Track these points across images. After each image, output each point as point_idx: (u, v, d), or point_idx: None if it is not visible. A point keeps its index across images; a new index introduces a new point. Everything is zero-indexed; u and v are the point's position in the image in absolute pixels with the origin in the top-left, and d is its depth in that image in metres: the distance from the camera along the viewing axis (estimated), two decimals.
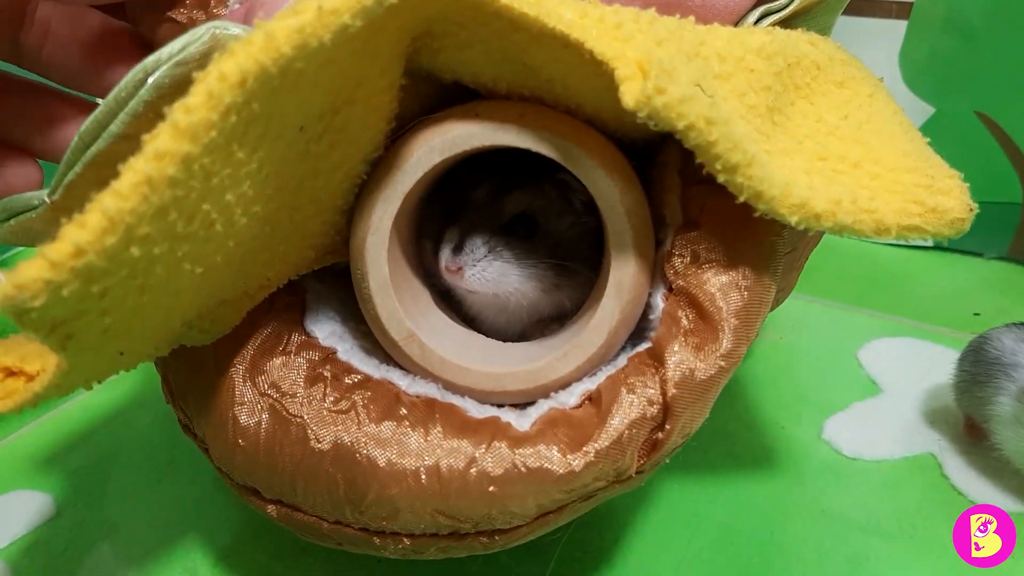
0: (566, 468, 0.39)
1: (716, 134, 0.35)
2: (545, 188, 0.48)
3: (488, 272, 0.47)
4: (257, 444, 0.42)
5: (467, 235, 0.47)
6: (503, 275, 0.47)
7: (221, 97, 0.31)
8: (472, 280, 0.46)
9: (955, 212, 0.39)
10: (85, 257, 0.29)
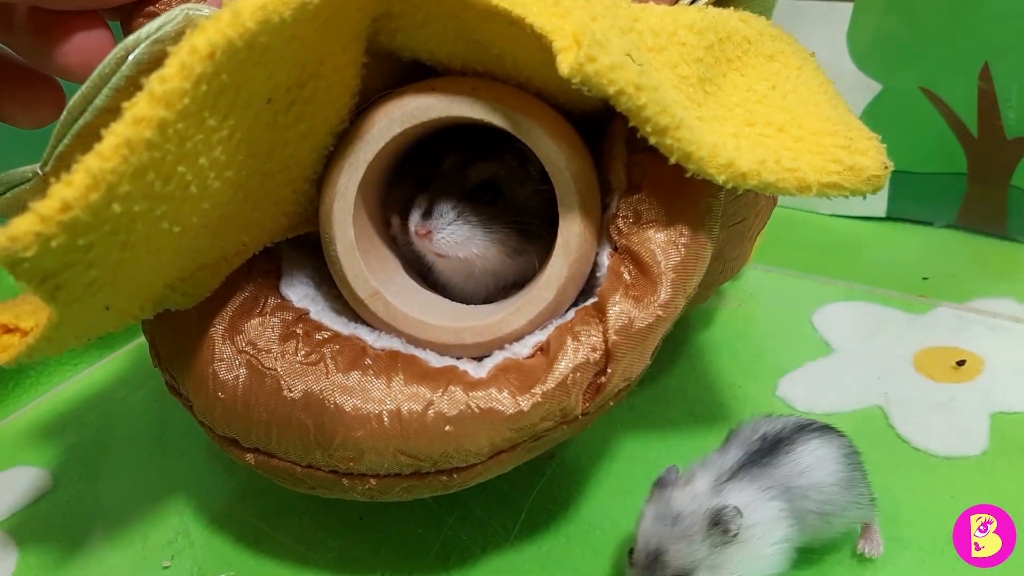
0: (515, 408, 0.42)
1: (645, 99, 0.38)
2: (506, 158, 0.51)
3: (456, 236, 0.49)
4: (235, 396, 0.45)
5: (435, 201, 0.49)
6: (469, 239, 0.49)
7: (192, 68, 0.34)
8: (441, 243, 0.49)
9: (871, 170, 0.42)
10: (71, 212, 0.33)
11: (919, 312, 0.76)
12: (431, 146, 0.52)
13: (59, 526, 0.59)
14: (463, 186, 0.51)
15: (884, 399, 0.64)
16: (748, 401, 0.66)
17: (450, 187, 0.50)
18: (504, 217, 0.51)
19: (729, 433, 0.51)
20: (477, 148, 0.52)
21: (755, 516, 0.44)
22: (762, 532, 0.44)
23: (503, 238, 0.50)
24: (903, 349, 0.70)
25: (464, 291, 0.53)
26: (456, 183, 0.51)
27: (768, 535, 0.45)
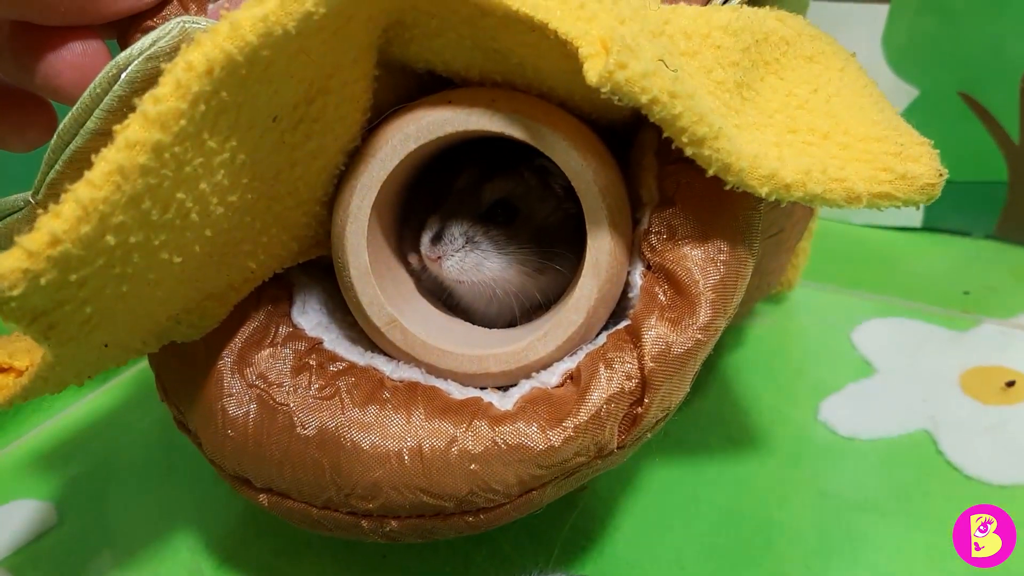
0: (545, 444, 0.39)
1: (680, 107, 0.35)
2: (525, 174, 0.48)
3: (467, 260, 0.47)
4: (246, 434, 0.43)
5: (446, 224, 0.47)
6: (480, 263, 0.47)
7: (189, 86, 0.32)
8: (451, 269, 0.47)
9: (925, 178, 0.39)
10: (61, 246, 0.30)
11: (962, 329, 0.72)
12: (449, 163, 0.50)
13: (64, 564, 0.56)
14: (477, 206, 0.48)
15: (931, 423, 0.61)
16: (789, 425, 0.63)
17: (462, 208, 0.48)
18: (522, 236, 0.48)
19: None
20: (494, 163, 0.49)
21: None
22: None
23: (520, 258, 0.48)
24: (948, 369, 0.67)
25: (488, 315, 0.51)
26: (469, 203, 0.48)
27: None
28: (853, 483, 0.57)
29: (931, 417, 0.61)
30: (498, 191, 0.48)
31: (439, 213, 0.48)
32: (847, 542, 0.52)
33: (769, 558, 0.51)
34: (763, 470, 0.59)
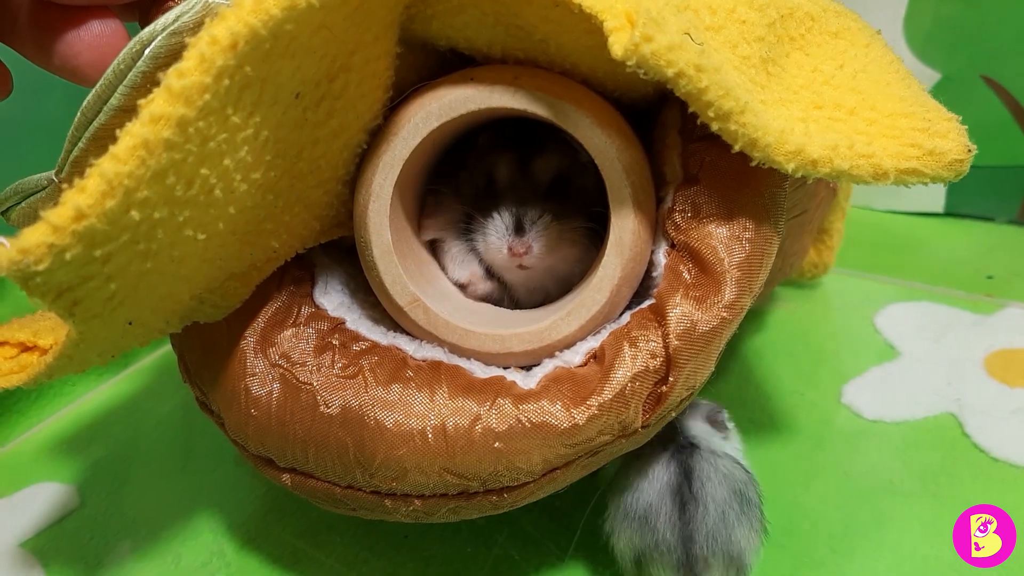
0: (570, 422, 0.39)
1: (706, 81, 0.35)
2: (562, 147, 0.48)
3: (547, 243, 0.46)
4: (269, 413, 0.43)
5: (521, 214, 0.46)
6: (558, 242, 0.47)
7: (213, 60, 0.31)
8: (539, 255, 0.46)
9: (953, 153, 0.39)
10: (86, 220, 0.30)
11: (987, 312, 0.72)
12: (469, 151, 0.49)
13: (86, 545, 0.57)
14: (535, 187, 0.48)
15: (957, 406, 0.61)
16: (813, 409, 0.63)
17: (522, 192, 0.47)
18: (579, 209, 0.47)
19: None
20: (526, 145, 0.48)
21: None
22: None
23: (584, 232, 0.47)
24: (973, 352, 0.66)
25: (528, 300, 0.50)
26: (528, 186, 0.48)
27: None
28: (878, 466, 0.57)
29: (956, 400, 0.61)
30: (552, 168, 0.48)
31: (502, 206, 0.47)
32: (872, 524, 0.52)
33: (793, 540, 0.51)
34: (786, 453, 0.59)
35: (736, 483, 0.47)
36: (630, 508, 0.47)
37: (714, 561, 0.45)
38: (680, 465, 0.48)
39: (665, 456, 0.48)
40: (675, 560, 0.45)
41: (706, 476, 0.47)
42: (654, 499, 0.47)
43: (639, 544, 0.46)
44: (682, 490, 0.47)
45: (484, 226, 0.47)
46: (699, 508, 0.46)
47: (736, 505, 0.46)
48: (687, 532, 0.45)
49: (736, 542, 0.46)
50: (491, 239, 0.47)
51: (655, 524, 0.46)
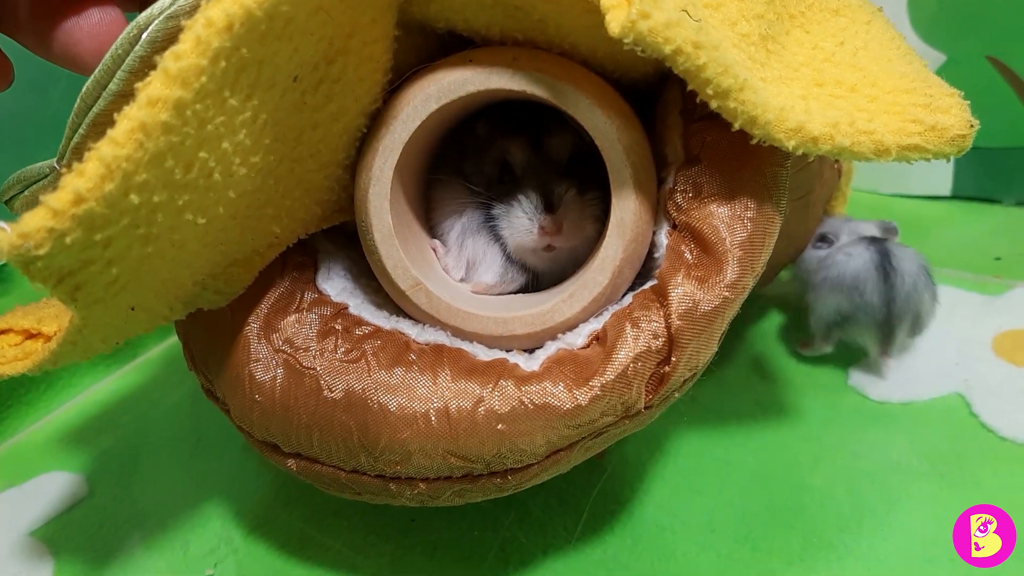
0: (572, 403, 0.39)
1: (704, 58, 0.35)
2: (569, 127, 0.47)
3: (575, 219, 0.46)
4: (273, 398, 0.43)
5: (548, 193, 0.46)
6: (583, 219, 0.46)
7: (209, 42, 0.31)
8: (568, 235, 0.46)
9: (956, 129, 0.38)
10: (86, 204, 0.30)
11: (995, 293, 0.72)
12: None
13: (95, 534, 0.57)
14: (556, 166, 0.47)
15: (964, 386, 0.61)
16: (820, 391, 0.63)
17: (543, 172, 0.47)
18: (597, 183, 0.46)
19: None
20: (533, 128, 0.48)
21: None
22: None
23: (600, 212, 0.47)
24: (981, 333, 0.66)
25: (544, 281, 0.49)
26: (544, 166, 0.47)
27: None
28: (886, 446, 0.57)
29: (964, 380, 0.61)
30: (567, 145, 0.47)
31: (526, 187, 0.46)
32: (880, 504, 0.52)
33: (801, 520, 0.51)
34: (793, 434, 0.58)
35: (920, 262, 0.61)
36: (839, 279, 0.61)
37: (905, 319, 0.60)
38: (877, 248, 0.61)
39: (863, 243, 0.62)
40: (878, 319, 0.60)
41: (899, 255, 0.61)
42: (861, 271, 0.60)
43: (847, 307, 0.61)
44: (884, 264, 0.60)
45: (508, 211, 0.47)
46: (898, 277, 0.60)
47: (923, 276, 0.61)
48: (889, 296, 0.59)
49: (923, 304, 0.60)
50: (519, 222, 0.46)
51: (863, 290, 0.60)
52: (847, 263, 0.61)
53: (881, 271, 0.60)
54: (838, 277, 0.61)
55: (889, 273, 0.60)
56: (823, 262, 0.63)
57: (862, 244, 0.62)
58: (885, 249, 0.61)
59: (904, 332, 0.61)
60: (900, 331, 0.60)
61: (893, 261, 0.60)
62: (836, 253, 0.63)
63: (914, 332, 0.62)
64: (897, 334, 0.60)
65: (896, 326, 0.60)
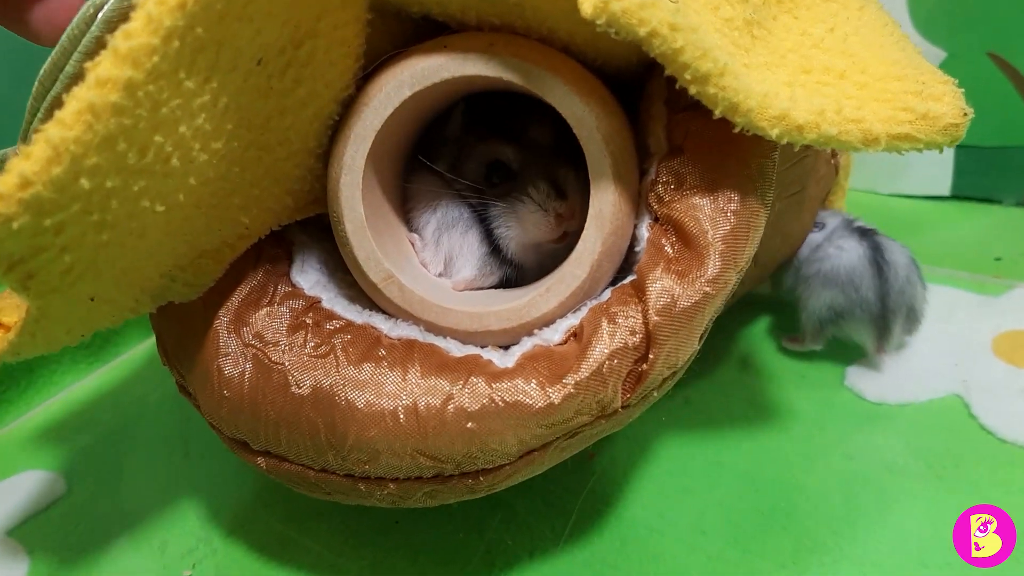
0: (545, 401, 0.38)
1: (682, 41, 0.33)
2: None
3: (584, 201, 0.43)
4: (241, 394, 0.42)
5: (553, 181, 0.44)
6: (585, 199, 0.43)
7: (161, 20, 0.30)
8: (580, 217, 0.43)
9: (948, 117, 0.37)
10: (32, 188, 0.29)
11: (994, 294, 0.70)
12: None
13: (72, 533, 0.56)
14: (547, 153, 0.46)
15: (963, 387, 0.59)
16: (814, 391, 0.61)
17: (543, 162, 0.45)
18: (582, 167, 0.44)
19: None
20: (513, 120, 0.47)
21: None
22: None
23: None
24: (980, 333, 0.65)
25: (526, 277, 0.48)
26: (539, 155, 0.45)
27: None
28: (881, 448, 0.55)
29: (963, 381, 0.59)
30: (549, 131, 0.45)
31: (533, 175, 0.45)
32: (875, 506, 0.50)
33: (794, 522, 0.50)
34: (787, 436, 0.57)
35: (908, 253, 0.61)
36: (832, 274, 0.60)
37: (900, 313, 0.59)
38: (868, 242, 0.60)
39: (853, 236, 0.61)
40: (873, 314, 0.59)
41: (890, 248, 0.60)
42: (856, 265, 0.59)
43: (842, 303, 0.60)
44: (876, 257, 0.59)
45: (515, 208, 0.45)
46: (891, 271, 0.59)
47: (914, 269, 0.60)
48: (884, 290, 0.59)
49: (916, 297, 0.60)
50: (531, 216, 0.45)
51: (859, 284, 0.59)
52: (839, 257, 0.60)
53: (874, 265, 0.59)
54: (831, 271, 0.60)
55: (882, 267, 0.59)
56: (813, 255, 0.62)
57: (853, 237, 0.61)
58: (876, 242, 0.60)
59: (899, 327, 0.60)
60: (896, 325, 0.60)
61: (886, 254, 0.60)
62: (827, 246, 0.61)
63: (910, 327, 0.61)
64: (893, 329, 0.59)
65: (892, 321, 0.59)
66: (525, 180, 0.45)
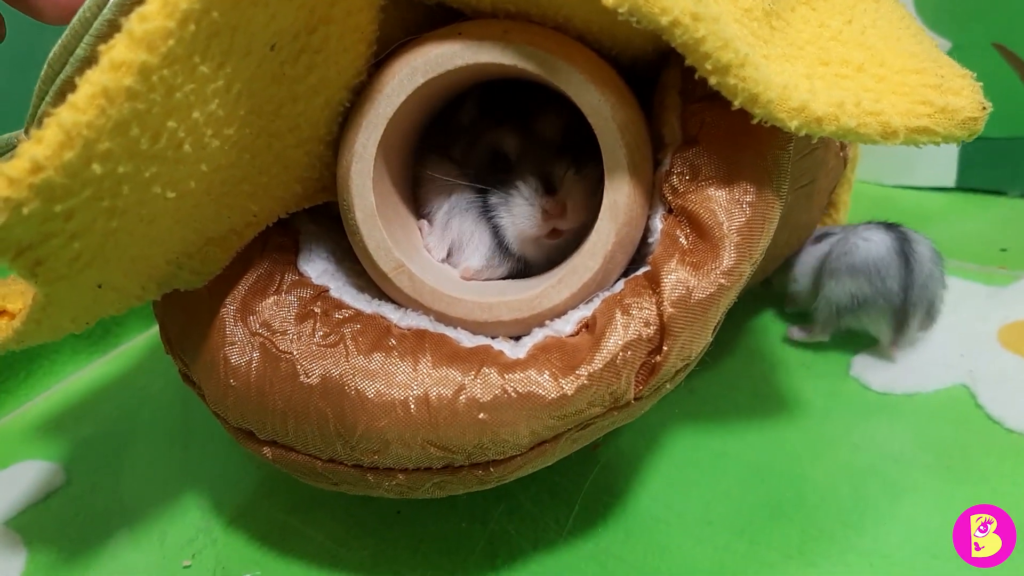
0: (557, 392, 0.37)
1: (703, 30, 0.33)
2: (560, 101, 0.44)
3: (579, 198, 0.44)
4: (248, 383, 0.41)
5: (546, 173, 0.44)
6: (585, 196, 0.44)
7: (177, 3, 0.30)
8: (573, 214, 0.44)
9: (967, 111, 0.37)
10: (44, 173, 0.29)
11: (1001, 284, 0.70)
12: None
13: (71, 524, 0.55)
14: (551, 146, 0.45)
15: (969, 377, 0.59)
16: (820, 381, 0.61)
17: (543, 154, 0.45)
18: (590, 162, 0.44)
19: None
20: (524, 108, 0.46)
21: None
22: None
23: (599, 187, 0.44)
24: (986, 324, 0.64)
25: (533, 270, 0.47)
26: (542, 147, 0.45)
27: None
28: (889, 438, 0.55)
29: (969, 372, 0.59)
30: (559, 122, 0.45)
31: (523, 169, 0.44)
32: (883, 497, 0.50)
33: (801, 513, 0.50)
34: (793, 426, 0.57)
35: (932, 247, 0.60)
36: (858, 264, 0.59)
37: (920, 307, 0.59)
38: (895, 233, 0.60)
39: (879, 228, 0.61)
40: (895, 305, 0.58)
41: (916, 240, 0.60)
42: (884, 255, 0.59)
43: (866, 292, 0.59)
44: (904, 249, 0.59)
45: (507, 200, 0.45)
46: (917, 264, 0.58)
47: (938, 264, 0.60)
48: (908, 282, 0.58)
49: (936, 291, 0.59)
50: (520, 209, 0.44)
51: (885, 275, 0.58)
52: (867, 247, 0.59)
53: (902, 256, 0.59)
54: (861, 262, 0.59)
55: (909, 258, 0.59)
56: (837, 247, 0.61)
57: (879, 229, 0.61)
58: (903, 234, 0.60)
59: (918, 321, 0.60)
60: (914, 319, 0.59)
61: (913, 245, 0.59)
62: (852, 237, 0.61)
63: (927, 322, 0.61)
64: (911, 323, 0.59)
65: (911, 314, 0.59)
66: (519, 172, 0.45)
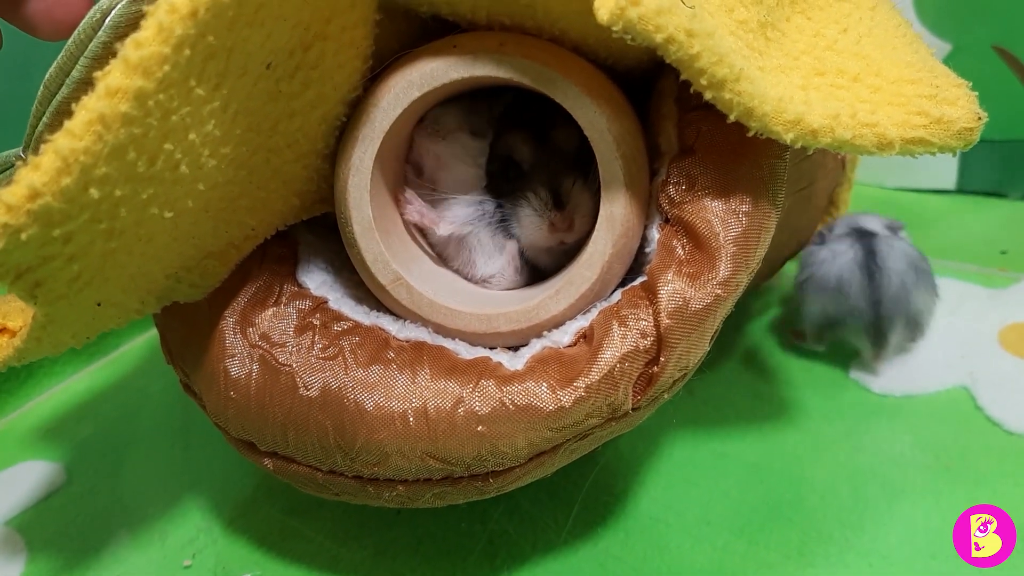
0: (555, 404, 0.38)
1: (698, 47, 0.33)
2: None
3: (591, 211, 0.43)
4: (248, 395, 0.41)
5: (555, 186, 0.44)
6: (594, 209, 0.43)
7: (172, 29, 0.30)
8: (581, 227, 0.44)
9: (962, 122, 0.37)
10: (42, 199, 0.29)
11: (1001, 286, 0.70)
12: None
13: (72, 524, 0.56)
14: (565, 158, 0.45)
15: (970, 379, 0.59)
16: (820, 383, 0.61)
17: (555, 167, 0.45)
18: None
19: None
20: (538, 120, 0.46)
21: None
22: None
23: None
24: (987, 325, 0.65)
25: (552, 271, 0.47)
26: (555, 158, 0.45)
27: None
28: (888, 440, 0.55)
29: (969, 373, 0.59)
30: (575, 135, 0.43)
31: (534, 182, 0.44)
32: (883, 498, 0.50)
33: (800, 514, 0.50)
34: (792, 427, 0.57)
35: (911, 258, 0.58)
36: (822, 281, 0.58)
37: (897, 321, 0.57)
38: (863, 246, 0.58)
39: (848, 240, 0.59)
40: (866, 321, 0.57)
41: (885, 252, 0.58)
42: (844, 271, 0.57)
43: (833, 311, 0.58)
44: (868, 262, 0.57)
45: (518, 210, 0.45)
46: (884, 277, 0.57)
47: (913, 274, 0.57)
48: (876, 297, 0.57)
49: (914, 303, 0.57)
50: (529, 220, 0.45)
51: (848, 292, 0.57)
52: (831, 262, 0.59)
53: (865, 270, 0.58)
54: (822, 278, 0.59)
55: (874, 272, 0.57)
56: (806, 259, 0.61)
57: (847, 241, 0.60)
58: (871, 246, 0.59)
59: (898, 335, 0.58)
60: (892, 334, 0.58)
61: (878, 259, 0.58)
62: (820, 250, 0.60)
63: (913, 334, 0.59)
64: (889, 337, 0.58)
65: (887, 329, 0.57)
66: (531, 182, 0.45)
